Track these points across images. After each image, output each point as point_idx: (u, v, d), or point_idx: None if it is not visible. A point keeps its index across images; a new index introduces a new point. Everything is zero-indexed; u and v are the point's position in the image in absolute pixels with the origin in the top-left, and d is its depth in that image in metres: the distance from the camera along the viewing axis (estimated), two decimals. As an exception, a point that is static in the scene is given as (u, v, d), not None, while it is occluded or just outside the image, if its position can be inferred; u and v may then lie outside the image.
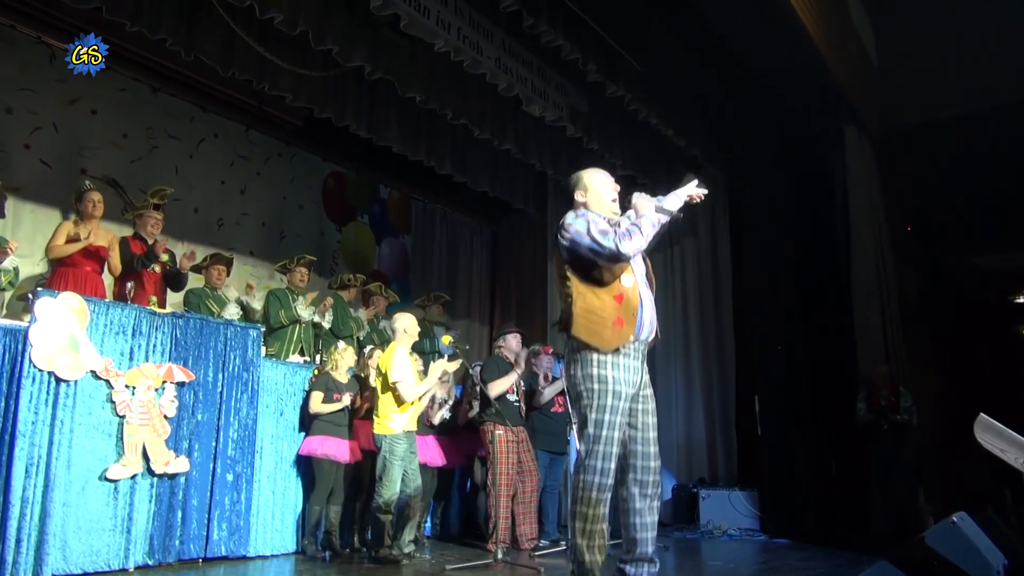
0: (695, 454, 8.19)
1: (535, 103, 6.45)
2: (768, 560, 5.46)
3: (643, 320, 2.99)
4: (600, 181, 3.29)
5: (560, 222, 3.10)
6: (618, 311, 2.94)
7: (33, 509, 4.07)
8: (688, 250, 8.71)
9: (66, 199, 5.84)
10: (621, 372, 2.94)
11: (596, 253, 2.95)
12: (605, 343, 2.91)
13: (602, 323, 2.92)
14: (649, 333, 3.06)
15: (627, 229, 2.97)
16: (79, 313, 4.41)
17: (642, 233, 2.98)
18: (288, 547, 5.36)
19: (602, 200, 3.24)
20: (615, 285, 2.99)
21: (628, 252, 2.92)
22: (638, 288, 3.02)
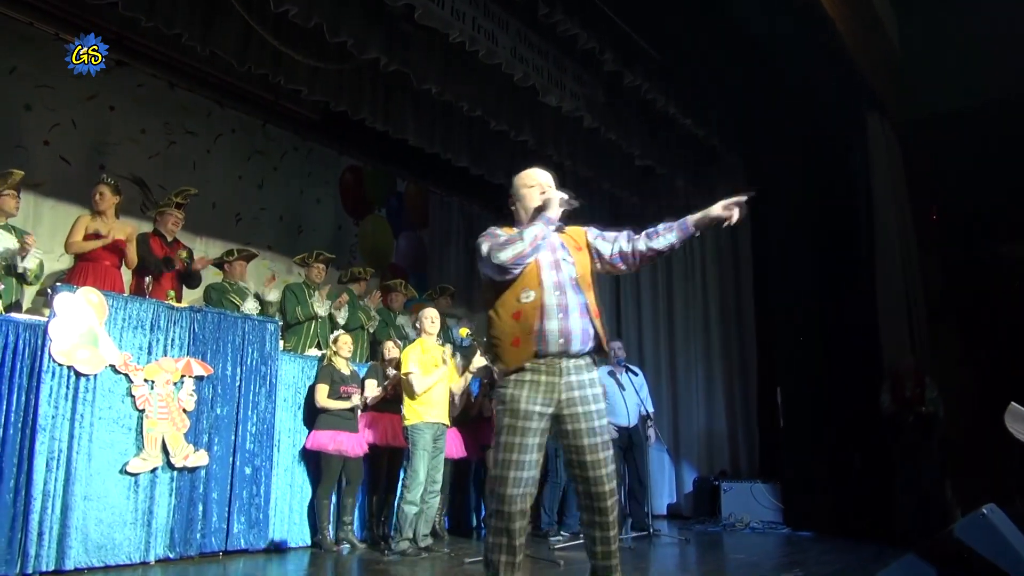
0: (716, 447, 8.11)
1: (552, 93, 6.39)
2: (791, 553, 5.39)
3: (549, 333, 2.70)
4: (526, 184, 2.97)
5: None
6: (515, 330, 2.73)
7: (55, 502, 4.10)
8: (708, 242, 8.61)
9: (85, 195, 5.87)
10: (526, 391, 2.69)
11: (488, 267, 2.78)
12: (506, 364, 2.74)
13: (502, 345, 2.76)
14: (569, 345, 2.73)
15: (508, 237, 2.78)
16: (98, 308, 4.43)
17: (523, 240, 2.74)
18: (306, 540, 5.38)
19: (528, 208, 2.93)
20: (512, 303, 2.76)
21: (502, 261, 2.71)
22: (541, 300, 2.73)
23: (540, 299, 2.74)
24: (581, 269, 2.88)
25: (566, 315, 2.74)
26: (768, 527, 6.85)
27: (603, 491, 2.69)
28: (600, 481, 2.68)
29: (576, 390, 2.73)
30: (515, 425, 2.68)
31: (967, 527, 2.77)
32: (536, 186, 2.95)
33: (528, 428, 2.68)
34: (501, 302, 2.79)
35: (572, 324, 2.74)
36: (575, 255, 2.91)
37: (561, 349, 2.72)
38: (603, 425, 2.74)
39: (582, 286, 2.84)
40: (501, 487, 2.65)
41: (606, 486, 2.69)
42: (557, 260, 2.85)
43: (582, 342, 2.76)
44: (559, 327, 2.72)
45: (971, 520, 2.79)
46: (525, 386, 2.70)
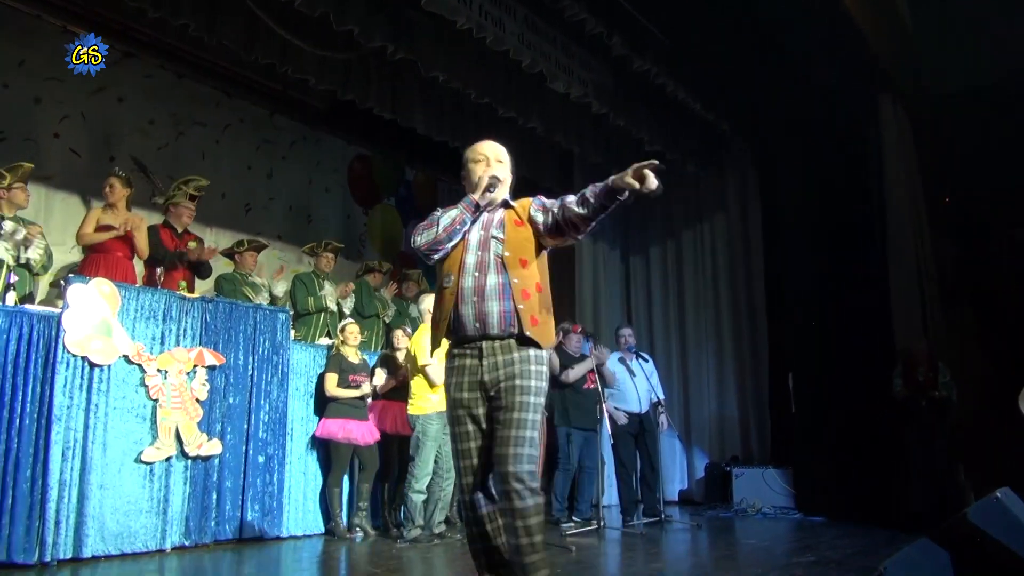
0: (727, 432, 8.10)
1: (559, 79, 6.36)
2: (803, 538, 5.38)
3: (464, 317, 2.58)
4: (473, 158, 2.84)
5: None
6: (435, 315, 2.74)
7: (71, 491, 4.14)
8: (718, 226, 8.57)
9: (95, 187, 5.89)
10: (454, 377, 2.64)
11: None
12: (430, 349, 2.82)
13: (429, 331, 2.79)
14: (486, 328, 2.57)
15: (427, 221, 2.72)
16: (110, 298, 4.46)
17: (438, 226, 2.68)
18: (319, 527, 5.41)
19: (472, 182, 2.82)
20: (438, 288, 2.74)
21: (416, 246, 2.72)
22: (458, 284, 2.62)
23: (457, 282, 2.63)
24: (513, 246, 2.69)
25: (482, 298, 2.60)
26: (780, 512, 6.85)
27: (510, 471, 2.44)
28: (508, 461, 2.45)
29: (501, 369, 2.56)
30: (452, 415, 2.65)
31: (981, 511, 2.76)
32: (482, 160, 2.81)
33: (459, 416, 2.61)
34: (436, 287, 2.80)
35: (488, 307, 2.59)
36: (511, 231, 2.73)
37: (479, 332, 2.59)
38: (524, 402, 2.53)
39: (509, 265, 2.64)
40: (458, 478, 2.66)
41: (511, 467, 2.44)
42: (487, 239, 2.70)
43: (500, 326, 2.58)
44: (474, 311, 2.58)
45: (985, 504, 2.78)
46: (453, 372, 2.65)
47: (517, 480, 2.43)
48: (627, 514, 6.16)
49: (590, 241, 8.90)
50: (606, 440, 6.17)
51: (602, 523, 5.62)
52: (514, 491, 2.42)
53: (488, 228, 2.73)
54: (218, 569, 4.24)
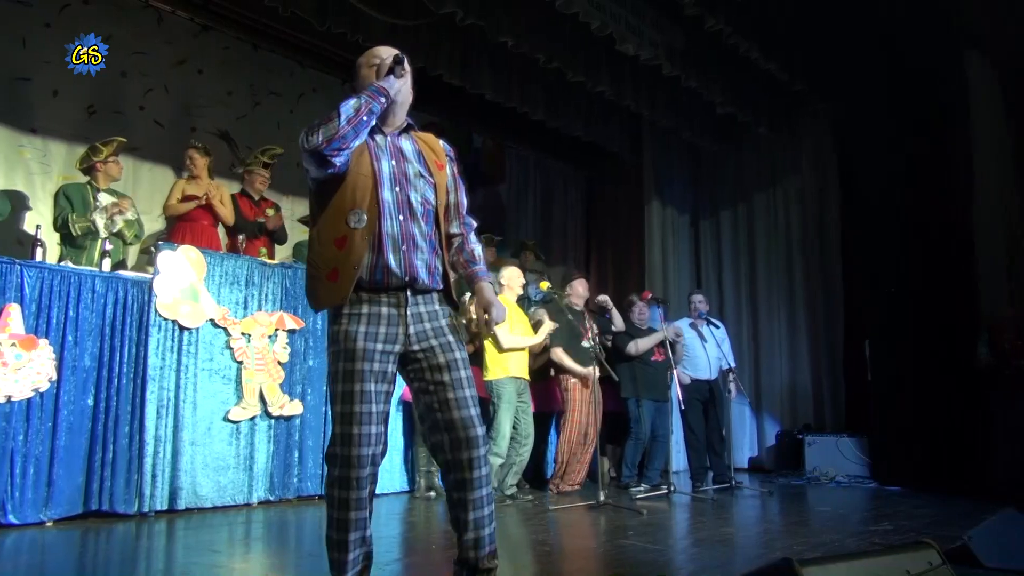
0: (800, 400, 7.97)
1: (629, 41, 6.26)
2: (880, 507, 5.30)
3: (389, 267, 2.20)
4: (368, 63, 2.36)
5: None
6: (335, 261, 2.18)
7: (165, 447, 4.39)
8: (792, 190, 8.35)
9: (179, 157, 6.12)
10: (363, 326, 2.18)
11: (305, 165, 2.22)
12: (318, 303, 2.25)
13: (317, 277, 2.22)
14: (415, 282, 2.24)
15: (318, 123, 2.16)
16: (197, 265, 4.66)
17: (338, 117, 2.11)
18: (396, 486, 5.59)
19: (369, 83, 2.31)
20: (336, 224, 2.19)
21: (314, 145, 2.10)
22: (377, 228, 2.19)
23: (375, 225, 2.20)
24: (441, 192, 2.35)
25: (411, 248, 2.23)
26: (854, 481, 6.74)
27: (473, 435, 2.20)
28: (470, 423, 2.20)
29: (428, 322, 2.26)
30: (353, 369, 2.15)
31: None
32: (379, 65, 2.32)
33: (370, 372, 2.16)
34: (325, 221, 2.22)
35: (418, 260, 2.24)
36: (435, 173, 2.34)
37: (402, 283, 2.23)
38: (465, 359, 2.29)
39: (439, 215, 2.32)
40: (347, 448, 2.14)
41: (476, 429, 2.21)
42: (404, 173, 2.28)
43: (431, 280, 2.29)
44: (401, 262, 2.22)
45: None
46: (362, 320, 2.19)
47: (484, 444, 2.23)
48: (696, 480, 6.17)
49: (659, 206, 8.81)
50: (675, 406, 6.17)
51: (672, 488, 5.65)
52: (481, 457, 2.21)
53: (400, 159, 2.30)
54: (301, 523, 4.43)
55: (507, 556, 3.59)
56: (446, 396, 2.22)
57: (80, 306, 4.18)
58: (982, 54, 6.83)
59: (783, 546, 3.65)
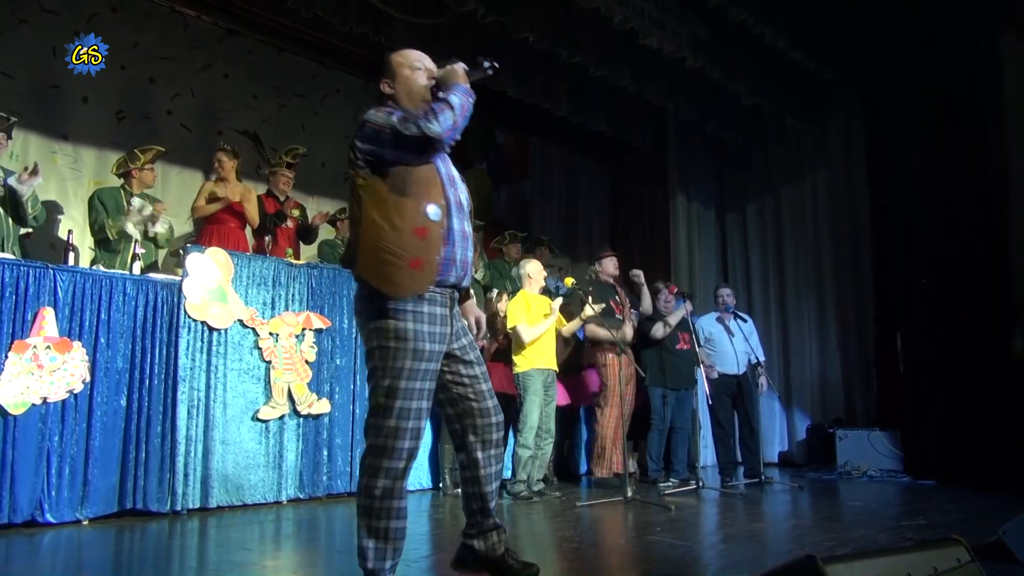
0: (830, 393, 7.88)
1: (653, 35, 6.21)
2: (913, 501, 5.22)
3: (452, 261, 2.35)
4: (411, 65, 2.48)
5: (360, 121, 2.36)
6: (418, 250, 2.26)
7: (197, 446, 4.46)
8: (820, 179, 8.23)
9: (207, 161, 6.21)
10: (426, 326, 2.29)
11: (402, 146, 2.26)
12: (398, 289, 2.26)
13: (397, 264, 2.25)
14: (461, 277, 2.42)
15: (430, 108, 2.28)
16: (224, 266, 4.72)
17: (453, 108, 2.28)
18: (423, 483, 5.62)
19: (413, 91, 2.44)
20: (416, 215, 2.28)
21: (441, 133, 2.24)
22: (447, 223, 2.34)
23: (445, 219, 2.34)
24: (464, 193, 2.52)
25: (466, 245, 2.41)
26: (887, 475, 6.65)
27: (501, 419, 2.56)
28: (498, 409, 2.55)
29: (459, 320, 2.48)
30: (418, 368, 2.28)
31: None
32: (423, 70, 2.49)
33: (429, 371, 2.32)
34: (398, 209, 2.27)
35: (470, 258, 2.44)
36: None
37: (457, 281, 2.41)
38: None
39: (470, 215, 2.52)
40: (402, 440, 2.25)
41: (501, 415, 2.56)
42: (452, 175, 2.46)
43: (467, 276, 2.48)
44: (461, 257, 2.39)
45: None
46: (424, 320, 2.29)
47: (502, 428, 2.56)
48: (725, 475, 6.13)
49: (684, 200, 8.74)
50: (703, 401, 6.13)
51: (700, 483, 5.62)
52: (502, 440, 2.57)
53: (448, 162, 2.49)
54: (331, 520, 4.48)
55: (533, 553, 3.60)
56: (481, 387, 2.51)
57: (112, 309, 4.26)
58: (1019, 37, 6.66)
59: (813, 542, 3.61)
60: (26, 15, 5.72)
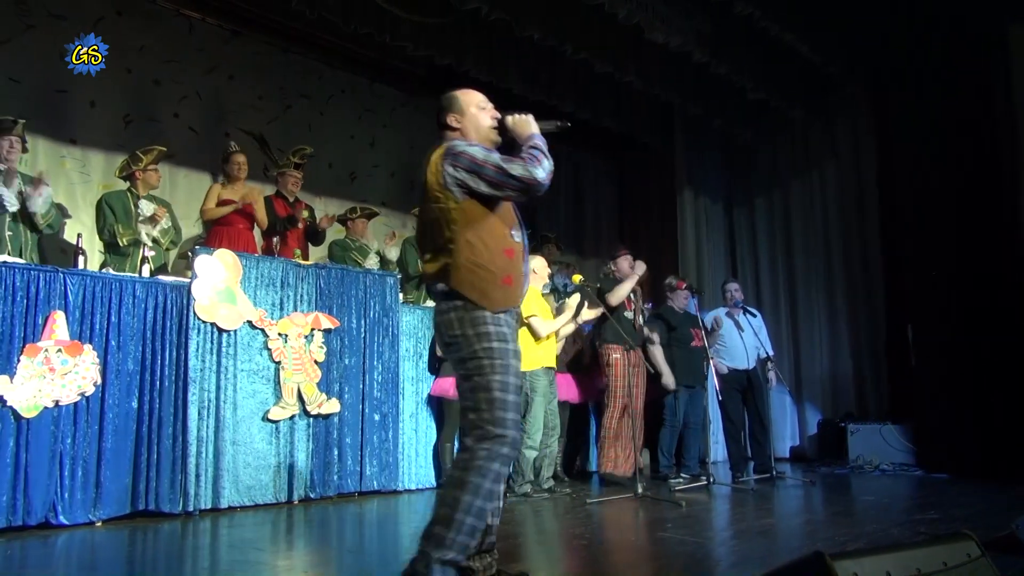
0: (841, 388, 7.85)
1: (658, 30, 6.19)
2: (926, 495, 5.19)
3: (526, 276, 2.60)
4: (478, 104, 2.69)
5: (447, 149, 2.50)
6: (508, 268, 2.47)
7: (208, 447, 4.48)
8: (829, 174, 8.19)
9: (214, 162, 6.23)
10: (510, 343, 2.47)
11: (503, 185, 2.42)
12: (494, 303, 2.43)
13: (491, 280, 2.43)
14: (526, 288, 2.67)
15: (530, 154, 2.47)
16: (233, 268, 4.74)
17: (548, 157, 2.49)
18: (431, 482, 5.63)
19: (481, 127, 2.64)
20: (504, 237, 2.49)
21: (545, 179, 2.44)
22: (522, 242, 2.57)
23: (521, 240, 2.57)
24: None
25: (526, 261, 2.61)
26: (900, 469, 6.62)
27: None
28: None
29: None
30: (516, 367, 2.47)
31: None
32: (487, 109, 2.70)
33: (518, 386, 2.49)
34: (490, 231, 2.47)
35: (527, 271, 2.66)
36: None
37: (522, 295, 2.61)
38: None
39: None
40: (512, 430, 2.37)
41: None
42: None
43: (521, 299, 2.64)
44: (526, 272, 2.62)
45: None
46: (511, 326, 2.52)
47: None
48: (736, 470, 6.12)
49: (691, 195, 8.72)
50: (713, 397, 6.12)
51: (711, 479, 5.60)
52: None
53: None
54: (342, 520, 4.49)
55: (544, 550, 3.61)
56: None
57: (122, 311, 4.28)
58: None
59: (824, 537, 3.60)
60: (33, 20, 5.75)
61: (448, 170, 2.45)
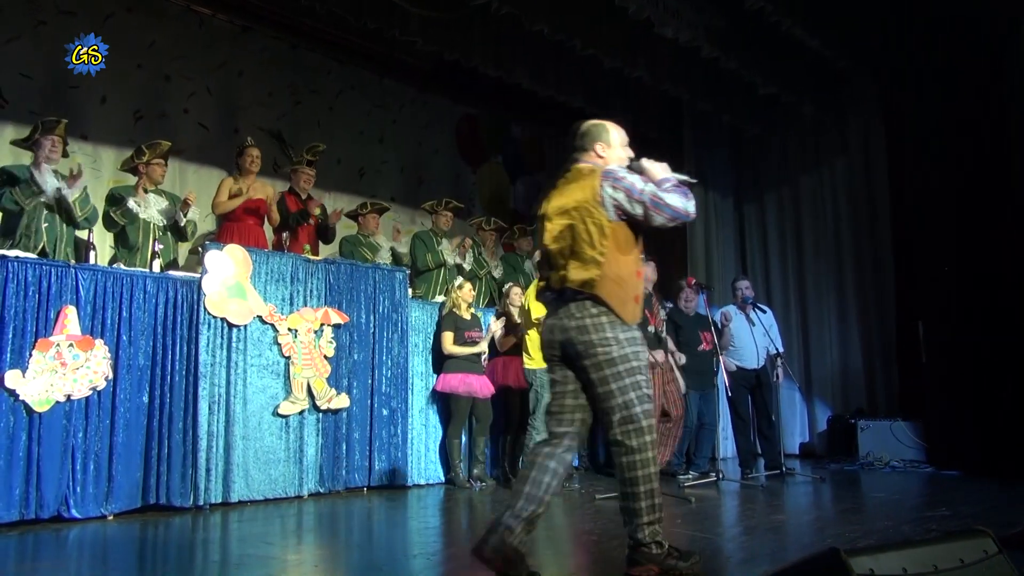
0: (851, 384, 7.81)
1: (667, 24, 6.16)
2: (936, 492, 5.17)
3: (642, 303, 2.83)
4: (621, 140, 2.91)
5: (607, 172, 2.71)
6: (636, 289, 2.73)
7: (218, 442, 4.50)
8: (839, 169, 8.14)
9: (224, 158, 6.25)
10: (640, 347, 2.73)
11: (657, 211, 2.63)
12: (629, 317, 2.67)
13: (627, 296, 2.68)
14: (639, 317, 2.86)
15: (680, 190, 2.68)
16: (243, 263, 4.75)
17: (691, 196, 2.70)
18: (439, 477, 5.64)
19: (621, 161, 2.86)
20: (638, 261, 2.76)
21: (694, 212, 2.68)
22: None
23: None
24: None
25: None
26: (910, 466, 6.59)
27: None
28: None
29: None
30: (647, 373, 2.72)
31: None
32: (626, 148, 2.92)
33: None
34: (631, 252, 2.72)
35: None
36: None
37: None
38: None
39: None
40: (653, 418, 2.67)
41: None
42: None
43: None
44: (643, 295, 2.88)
45: None
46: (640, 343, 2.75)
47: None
48: (745, 467, 6.10)
49: (700, 190, 8.66)
50: (722, 394, 6.09)
51: (720, 475, 5.59)
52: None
53: None
54: (351, 514, 4.50)
55: (553, 545, 3.61)
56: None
57: (133, 306, 4.30)
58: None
59: (835, 533, 3.58)
60: (44, 16, 5.78)
61: (607, 190, 2.66)
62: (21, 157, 4.74)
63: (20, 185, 4.39)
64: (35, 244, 4.40)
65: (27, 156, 4.62)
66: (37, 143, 4.49)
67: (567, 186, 2.79)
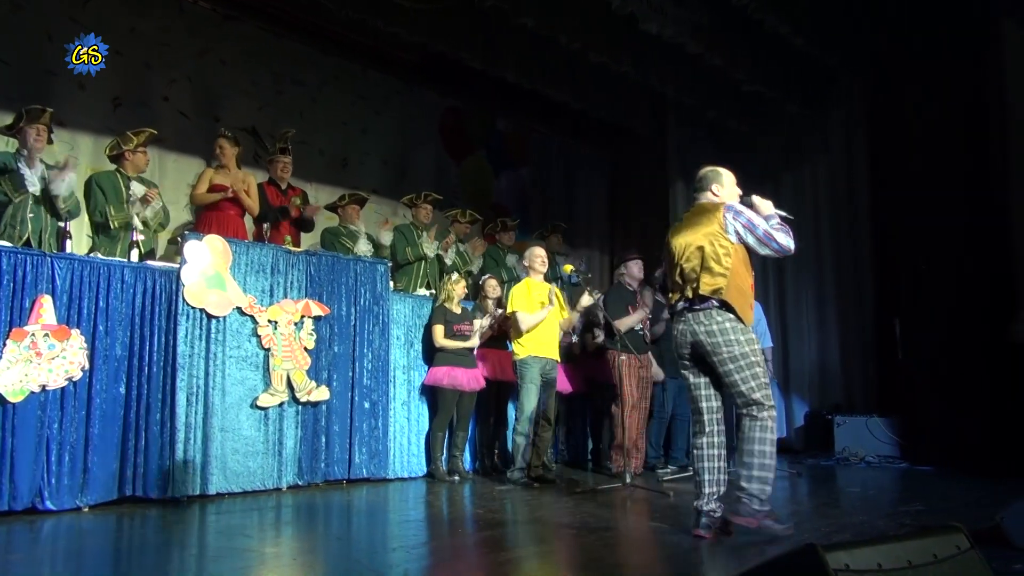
0: (828, 380, 7.89)
1: (652, 20, 6.17)
2: (911, 487, 5.24)
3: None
4: (731, 181, 3.61)
5: (729, 206, 3.41)
6: (750, 298, 3.40)
7: (196, 434, 4.46)
8: (820, 167, 8.20)
9: (204, 147, 6.18)
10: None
11: (766, 244, 3.33)
12: (748, 321, 3.33)
13: (747, 304, 3.36)
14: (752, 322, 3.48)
15: (785, 228, 3.36)
16: (223, 254, 4.71)
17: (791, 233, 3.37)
18: (420, 470, 5.63)
19: (734, 197, 3.54)
20: (751, 275, 3.42)
21: (794, 248, 3.37)
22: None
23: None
24: None
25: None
26: (885, 462, 6.67)
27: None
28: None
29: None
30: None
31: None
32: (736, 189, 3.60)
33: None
34: (746, 268, 3.40)
35: None
36: None
37: None
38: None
39: None
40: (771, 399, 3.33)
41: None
42: None
43: None
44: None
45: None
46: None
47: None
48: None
49: (684, 187, 8.71)
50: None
51: (699, 469, 5.60)
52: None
53: None
54: (329, 506, 4.49)
55: (534, 539, 3.62)
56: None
57: (110, 296, 4.24)
58: (1019, 23, 6.62)
59: (811, 528, 3.62)
60: (20, 1, 5.67)
61: (730, 220, 3.37)
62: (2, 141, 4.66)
63: (9, 175, 4.32)
64: (20, 235, 4.33)
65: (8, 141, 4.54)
66: (21, 131, 4.42)
67: (693, 218, 3.49)
